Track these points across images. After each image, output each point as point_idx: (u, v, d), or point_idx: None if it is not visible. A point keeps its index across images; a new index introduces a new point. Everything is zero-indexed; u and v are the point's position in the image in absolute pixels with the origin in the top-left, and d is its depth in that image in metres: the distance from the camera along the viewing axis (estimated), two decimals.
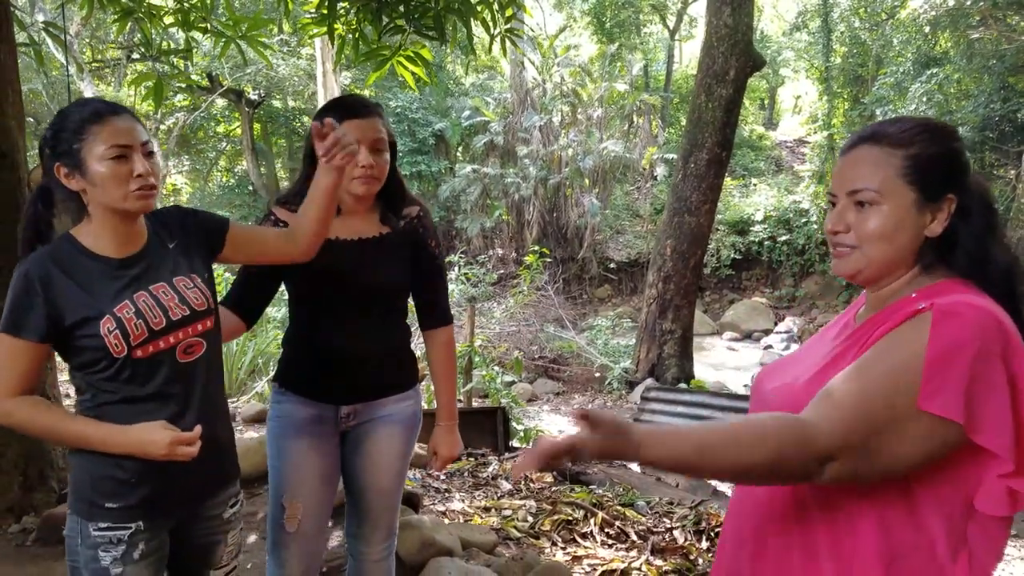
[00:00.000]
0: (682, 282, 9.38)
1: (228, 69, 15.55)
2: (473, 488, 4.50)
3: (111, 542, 1.56)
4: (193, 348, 1.64)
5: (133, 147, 1.54)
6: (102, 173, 1.51)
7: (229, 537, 1.78)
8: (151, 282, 1.61)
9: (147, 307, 1.57)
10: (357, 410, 2.03)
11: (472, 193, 15.86)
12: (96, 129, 1.51)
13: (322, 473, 2.02)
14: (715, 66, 8.94)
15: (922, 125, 1.20)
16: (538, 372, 11.58)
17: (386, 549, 2.12)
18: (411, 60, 4.17)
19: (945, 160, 1.17)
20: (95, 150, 1.51)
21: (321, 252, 1.93)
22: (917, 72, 14.10)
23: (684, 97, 20.26)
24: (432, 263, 2.09)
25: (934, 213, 1.16)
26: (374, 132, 1.89)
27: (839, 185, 1.22)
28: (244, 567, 3.15)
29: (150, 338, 1.56)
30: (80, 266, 1.56)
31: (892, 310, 1.17)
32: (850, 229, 1.20)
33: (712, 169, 9.09)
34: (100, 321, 1.52)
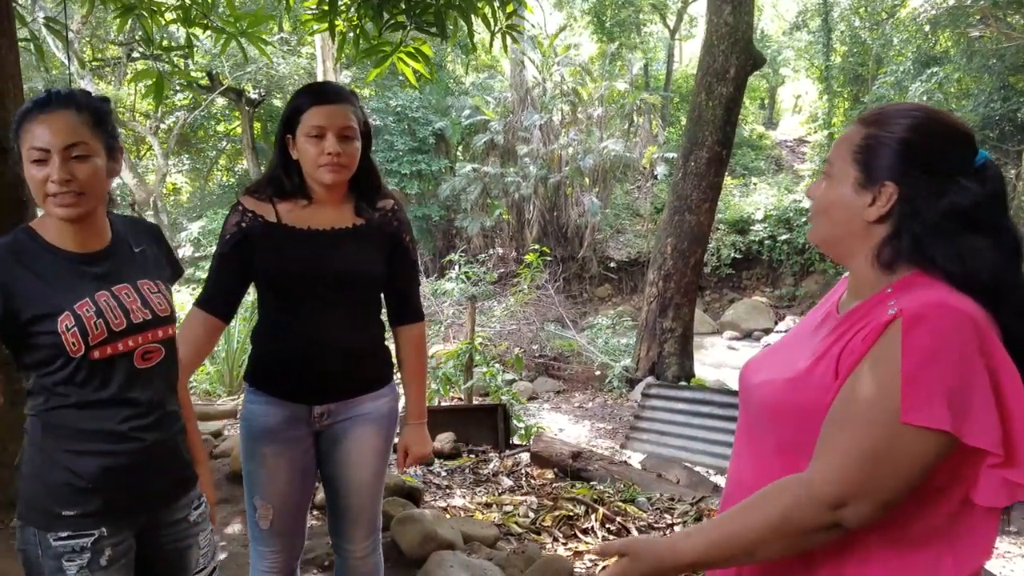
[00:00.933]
0: (682, 281, 9.38)
1: (228, 68, 15.54)
2: (474, 484, 4.51)
3: (75, 551, 1.48)
4: (151, 354, 1.57)
5: (51, 150, 1.42)
6: (28, 176, 1.45)
7: (201, 539, 1.71)
8: (114, 282, 1.54)
9: (108, 307, 1.50)
10: (331, 409, 1.97)
11: (472, 192, 15.85)
12: (26, 127, 1.44)
13: (292, 475, 1.99)
14: (715, 64, 8.93)
15: (901, 108, 1.18)
16: (539, 370, 11.58)
17: (370, 546, 2.09)
18: (412, 56, 4.17)
19: (892, 145, 1.13)
20: (25, 153, 1.44)
21: (293, 242, 1.90)
22: (917, 71, 14.11)
23: (684, 96, 20.27)
24: (406, 258, 2.05)
25: (873, 198, 1.14)
26: (342, 119, 1.85)
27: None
28: (245, 560, 3.15)
29: (109, 339, 1.49)
30: (40, 259, 1.49)
31: (871, 305, 1.14)
32: (815, 197, 1.24)
33: (712, 168, 9.08)
34: (58, 318, 1.44)
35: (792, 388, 1.17)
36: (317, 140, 1.84)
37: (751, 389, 1.29)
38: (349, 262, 1.92)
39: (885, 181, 1.13)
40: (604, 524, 3.86)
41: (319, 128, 1.84)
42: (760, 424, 1.25)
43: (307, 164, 1.88)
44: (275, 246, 1.91)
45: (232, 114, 19.54)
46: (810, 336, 1.26)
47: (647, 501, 4.26)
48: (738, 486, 1.31)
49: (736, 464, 1.35)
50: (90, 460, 1.49)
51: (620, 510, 4.05)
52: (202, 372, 7.55)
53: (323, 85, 1.97)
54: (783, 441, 1.19)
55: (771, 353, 1.36)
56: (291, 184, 1.93)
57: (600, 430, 8.50)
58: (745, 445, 1.32)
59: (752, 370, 1.33)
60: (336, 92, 1.91)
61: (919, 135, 1.13)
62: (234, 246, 1.93)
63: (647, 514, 4.08)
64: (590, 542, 3.64)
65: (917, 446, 1.01)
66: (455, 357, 6.93)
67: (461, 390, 6.84)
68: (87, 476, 1.49)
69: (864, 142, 1.16)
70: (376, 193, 2.01)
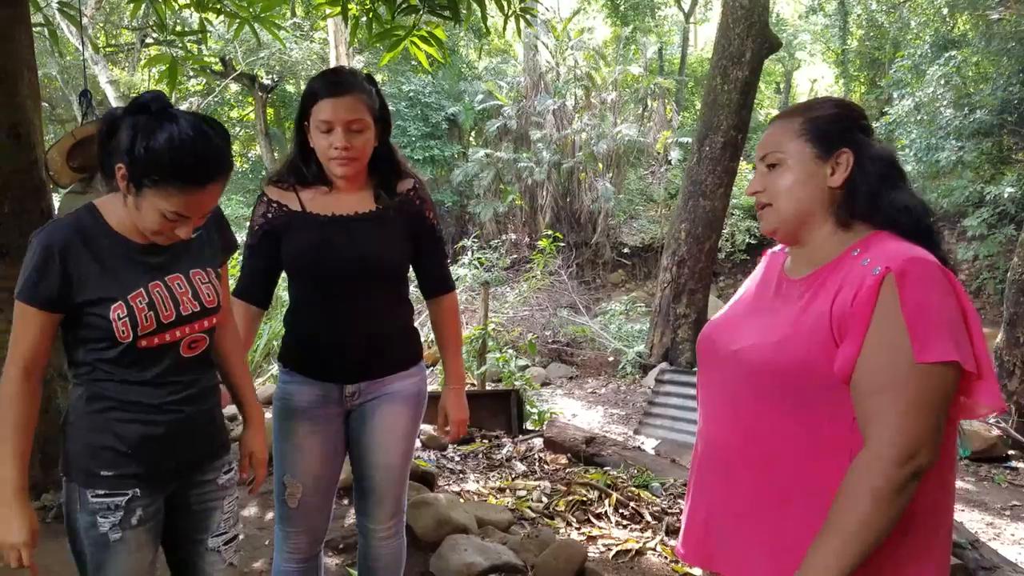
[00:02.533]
0: (696, 266, 9.33)
1: (241, 53, 15.54)
2: (487, 469, 4.52)
3: (109, 508, 1.56)
4: (198, 343, 1.64)
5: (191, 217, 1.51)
6: (150, 218, 1.49)
7: (225, 504, 1.77)
8: (168, 272, 1.59)
9: (160, 299, 1.55)
10: (361, 388, 2.02)
11: (485, 178, 15.81)
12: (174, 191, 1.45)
13: (323, 454, 2.03)
14: (731, 47, 8.84)
15: (819, 99, 1.41)
16: (552, 356, 11.58)
17: (394, 527, 2.11)
18: (425, 40, 4.15)
19: (838, 120, 1.33)
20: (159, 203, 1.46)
21: (318, 229, 1.94)
22: (935, 55, 13.88)
23: (699, 80, 20.10)
24: (431, 234, 2.08)
25: (833, 166, 1.31)
26: (350, 113, 1.85)
27: (756, 155, 1.39)
28: (262, 543, 3.18)
29: (157, 330, 1.55)
30: (101, 243, 1.53)
31: (839, 262, 1.29)
32: (765, 188, 1.37)
33: (727, 152, 9.01)
34: (112, 306, 1.50)
35: (785, 349, 1.27)
36: (326, 134, 1.86)
37: (734, 356, 1.37)
38: (373, 246, 1.95)
39: (841, 148, 1.31)
40: (618, 509, 3.86)
41: (326, 123, 1.86)
42: (758, 388, 1.31)
43: (319, 155, 1.92)
44: (300, 234, 1.95)
45: (245, 100, 19.57)
46: (774, 302, 1.38)
47: (661, 487, 4.26)
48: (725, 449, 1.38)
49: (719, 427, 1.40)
50: (131, 427, 1.57)
51: (634, 495, 4.05)
52: None
53: (332, 75, 1.92)
54: (790, 399, 1.27)
55: (735, 320, 1.46)
56: (310, 172, 1.96)
57: (613, 416, 8.50)
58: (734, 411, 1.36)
59: (722, 338, 1.43)
60: (344, 83, 1.88)
61: (844, 107, 1.37)
62: (262, 237, 1.98)
63: (661, 499, 4.08)
64: (603, 527, 3.65)
65: (938, 380, 1.16)
66: (468, 343, 6.94)
67: (474, 376, 6.85)
68: (128, 442, 1.57)
69: (808, 124, 1.33)
70: (396, 177, 2.02)
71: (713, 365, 1.44)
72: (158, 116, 1.44)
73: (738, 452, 1.35)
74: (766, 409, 1.30)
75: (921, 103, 13.33)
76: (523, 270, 14.57)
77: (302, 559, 2.08)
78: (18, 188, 3.29)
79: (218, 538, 1.76)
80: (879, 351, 1.18)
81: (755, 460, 1.32)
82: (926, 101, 13.21)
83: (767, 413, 1.30)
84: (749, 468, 1.33)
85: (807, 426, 1.26)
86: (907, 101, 13.70)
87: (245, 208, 16.98)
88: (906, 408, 1.16)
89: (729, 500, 1.37)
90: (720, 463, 1.39)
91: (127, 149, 1.43)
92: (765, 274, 1.50)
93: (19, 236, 3.33)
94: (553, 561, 2.91)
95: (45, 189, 3.41)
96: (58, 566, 2.93)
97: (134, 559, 1.60)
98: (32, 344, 1.51)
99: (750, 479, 1.33)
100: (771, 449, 1.29)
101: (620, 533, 3.58)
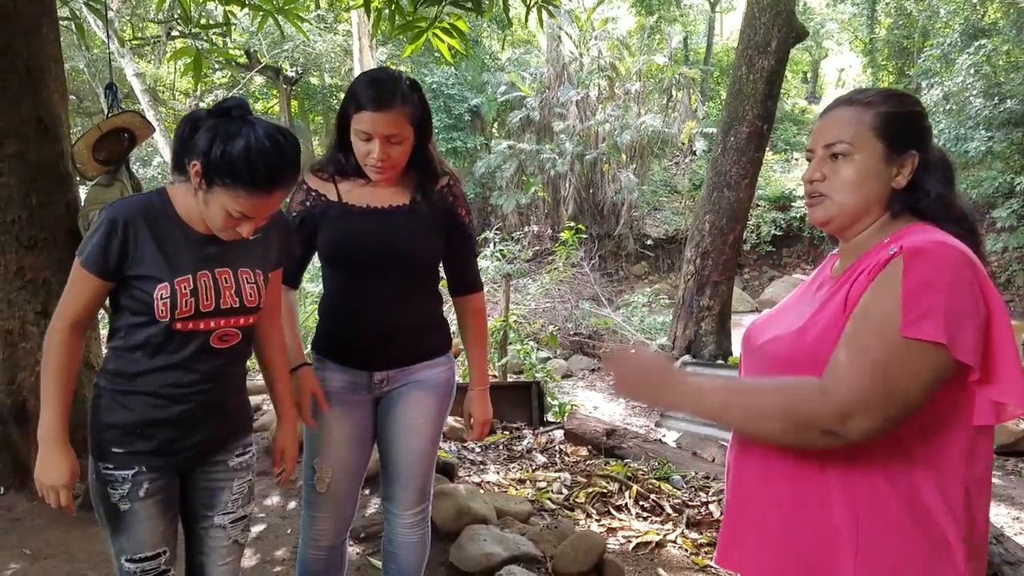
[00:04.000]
0: (720, 258, 9.26)
1: (266, 46, 15.64)
2: (508, 461, 4.53)
3: (118, 480, 1.66)
4: (229, 337, 1.71)
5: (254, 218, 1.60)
6: (216, 214, 1.58)
7: (235, 484, 1.83)
8: (219, 265, 1.67)
9: (204, 287, 1.64)
10: (390, 376, 2.06)
11: (508, 169, 15.80)
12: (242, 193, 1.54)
13: (352, 439, 2.07)
14: (757, 37, 8.74)
15: (892, 90, 1.37)
16: (573, 348, 11.57)
17: (419, 514, 2.14)
18: (447, 32, 4.15)
19: (910, 119, 1.31)
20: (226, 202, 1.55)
21: (353, 219, 1.98)
22: (964, 43, 13.64)
23: (724, 70, 19.92)
24: (462, 231, 2.10)
25: (899, 167, 1.29)
26: (388, 128, 1.86)
27: (816, 140, 1.35)
28: (284, 532, 3.22)
29: (193, 317, 1.63)
30: (165, 228, 1.63)
31: (867, 256, 1.27)
32: (825, 178, 1.33)
33: (753, 143, 8.91)
34: (158, 285, 1.59)
35: (800, 337, 1.27)
36: (365, 142, 1.89)
37: (759, 349, 1.37)
38: (405, 239, 1.97)
39: (911, 151, 1.28)
40: (638, 501, 3.85)
41: (366, 134, 1.88)
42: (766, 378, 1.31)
43: (357, 157, 1.94)
44: (336, 223, 1.98)
45: (270, 92, 19.70)
46: (811, 297, 1.38)
47: (681, 479, 4.25)
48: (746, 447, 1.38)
49: None
50: (143, 410, 1.66)
51: (654, 487, 4.04)
52: None
53: (377, 86, 1.88)
54: None
55: (772, 317, 1.47)
56: (349, 164, 1.99)
57: (635, 409, 8.47)
58: None
59: (756, 333, 1.43)
60: (387, 98, 1.86)
61: (920, 108, 1.34)
62: (300, 223, 2.01)
63: (682, 492, 4.06)
64: (623, 519, 3.64)
65: (918, 360, 1.13)
66: (490, 335, 6.95)
67: (496, 367, 6.86)
68: (140, 423, 1.66)
69: (883, 120, 1.29)
70: (433, 178, 2.04)
71: (746, 361, 1.44)
72: (238, 122, 1.54)
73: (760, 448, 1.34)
74: None
75: (950, 93, 13.12)
76: (545, 262, 14.57)
77: (327, 546, 2.11)
78: (45, 180, 3.34)
79: (225, 516, 1.82)
80: (867, 314, 1.17)
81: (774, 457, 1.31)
82: (955, 91, 13.00)
83: None
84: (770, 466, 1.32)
85: None
86: (936, 91, 13.49)
87: None
88: (871, 368, 1.13)
89: (752, 501, 1.37)
90: (747, 462, 1.38)
91: (205, 150, 1.52)
92: (818, 274, 1.48)
93: (46, 228, 3.38)
94: (572, 552, 2.91)
95: (72, 181, 3.46)
96: (82, 553, 2.99)
97: (145, 528, 1.69)
98: (82, 305, 1.62)
99: (770, 477, 1.32)
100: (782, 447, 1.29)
101: (640, 525, 3.58)
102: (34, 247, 3.35)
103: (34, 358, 3.45)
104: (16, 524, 3.22)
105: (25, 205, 3.31)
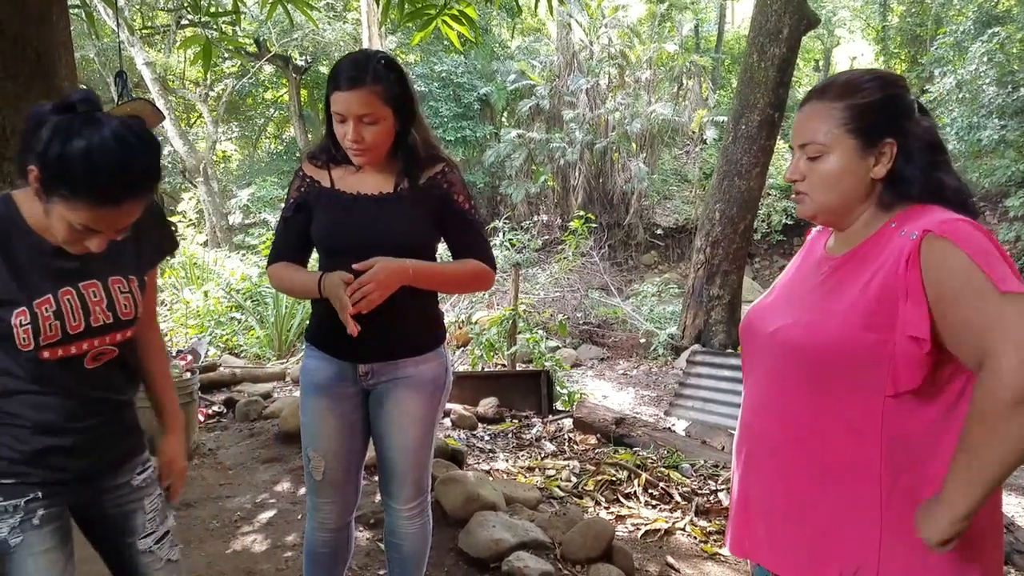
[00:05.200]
0: (731, 247, 9.23)
1: (275, 34, 15.63)
2: (517, 449, 4.54)
3: (7, 511, 1.46)
4: (103, 355, 1.52)
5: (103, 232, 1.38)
6: (58, 227, 1.37)
7: (147, 504, 1.67)
8: (83, 278, 1.47)
9: (69, 308, 1.43)
10: (375, 369, 2.02)
11: (517, 158, 15.76)
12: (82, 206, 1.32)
13: (340, 429, 2.06)
14: (768, 24, 8.68)
15: (867, 73, 1.33)
16: (582, 338, 11.56)
17: (417, 507, 2.14)
18: (456, 19, 4.14)
19: (882, 107, 1.28)
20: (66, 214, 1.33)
21: (343, 207, 1.97)
22: (978, 31, 13.47)
23: (736, 58, 19.78)
24: (461, 218, 2.04)
25: (877, 157, 1.28)
26: (359, 107, 1.84)
27: (794, 139, 1.36)
28: (295, 517, 3.24)
29: (61, 342, 1.43)
30: (13, 240, 1.41)
31: (875, 242, 1.28)
32: (804, 177, 1.34)
33: (764, 131, 8.86)
34: (15, 310, 1.38)
35: (821, 326, 1.26)
36: (341, 123, 1.89)
37: (770, 338, 1.36)
38: (391, 226, 1.95)
39: (885, 139, 1.27)
40: (647, 489, 3.86)
41: (339, 115, 1.87)
42: (794, 367, 1.30)
43: (339, 141, 1.93)
44: (327, 210, 1.98)
45: (280, 81, 19.70)
46: (812, 280, 1.37)
47: (691, 467, 4.25)
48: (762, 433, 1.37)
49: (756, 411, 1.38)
50: (33, 439, 1.47)
51: (663, 476, 4.04)
52: (252, 336, 7.72)
53: (348, 66, 1.87)
54: (813, 377, 1.26)
55: (772, 304, 1.45)
56: (339, 151, 1.98)
57: (644, 397, 8.48)
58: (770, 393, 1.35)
59: (761, 322, 1.42)
60: (356, 77, 1.84)
61: (890, 90, 1.30)
62: (295, 210, 2.03)
63: (691, 480, 4.06)
64: (632, 507, 3.65)
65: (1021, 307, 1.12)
66: (498, 324, 6.95)
67: (504, 356, 6.86)
68: (28, 452, 1.47)
69: (851, 114, 1.28)
70: (418, 161, 2.00)
71: (752, 349, 1.43)
72: (81, 120, 1.30)
73: (775, 435, 1.33)
74: (800, 389, 1.28)
75: (963, 81, 12.98)
76: (555, 251, 14.54)
77: (332, 528, 2.14)
78: None
79: (147, 539, 1.66)
80: (960, 298, 1.14)
81: (791, 442, 1.31)
82: (968, 79, 12.85)
83: (801, 393, 1.28)
84: (785, 451, 1.32)
85: (839, 405, 1.24)
86: (949, 79, 13.34)
87: (279, 190, 17.16)
88: (1000, 326, 1.11)
89: (766, 487, 1.36)
90: (760, 448, 1.38)
91: (41, 151, 1.29)
92: (807, 255, 1.49)
93: None
94: (581, 538, 2.92)
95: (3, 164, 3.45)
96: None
97: (40, 562, 1.48)
98: None
99: (785, 462, 1.32)
100: (807, 429, 1.28)
101: (649, 513, 3.58)
102: None
103: None
104: None
105: None
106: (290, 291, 2.10)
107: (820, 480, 1.28)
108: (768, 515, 1.36)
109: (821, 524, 1.28)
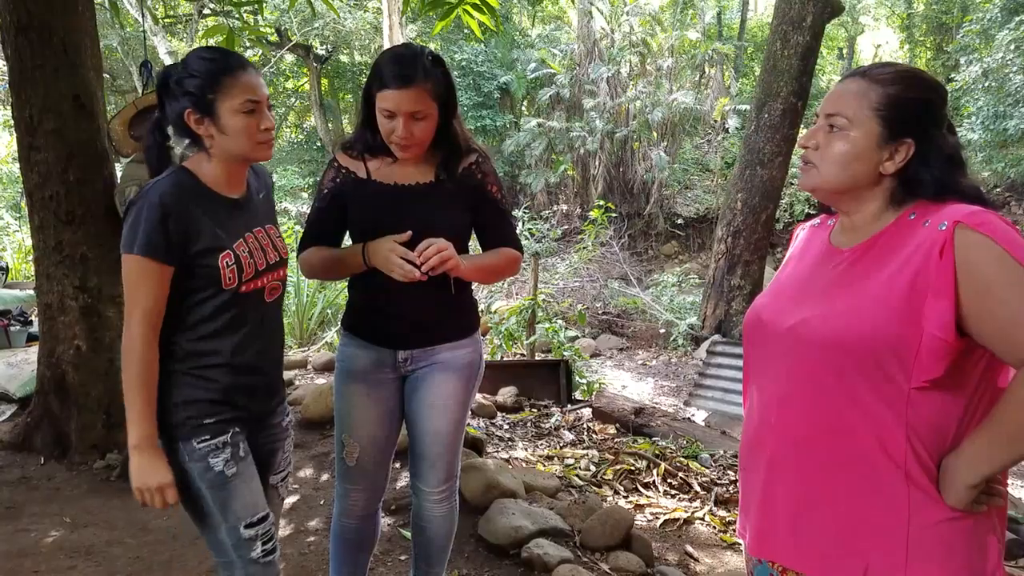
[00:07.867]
0: (752, 237, 9.17)
1: (297, 24, 15.67)
2: (536, 438, 4.55)
3: (217, 448, 1.68)
4: (275, 290, 1.81)
5: (262, 101, 1.67)
6: (235, 125, 1.64)
7: (286, 444, 1.95)
8: (254, 225, 1.76)
9: (255, 247, 1.73)
10: (414, 355, 2.07)
11: (537, 147, 15.72)
12: (230, 82, 1.63)
13: (378, 415, 2.09)
14: (791, 12, 8.59)
15: (910, 71, 1.31)
16: (602, 328, 11.56)
17: (446, 491, 2.16)
18: (477, 8, 4.13)
19: (917, 106, 1.26)
20: (229, 103, 1.63)
21: (380, 197, 2.00)
22: (1005, 19, 13.23)
23: (759, 46, 19.57)
24: (494, 207, 2.09)
25: (892, 152, 1.26)
26: (411, 105, 1.86)
27: (823, 106, 1.33)
28: (318, 503, 3.27)
29: (255, 276, 1.72)
30: (204, 199, 1.68)
31: (895, 232, 1.26)
32: (819, 147, 1.32)
33: (787, 119, 8.78)
34: (220, 254, 1.65)
35: (849, 319, 1.23)
36: (388, 119, 1.90)
37: (788, 332, 1.33)
38: (429, 216, 1.98)
39: (906, 138, 1.25)
40: (666, 479, 3.86)
41: (389, 112, 1.88)
42: (810, 361, 1.28)
43: (382, 134, 1.95)
44: (364, 201, 2.01)
45: (300, 70, 19.76)
46: (826, 274, 1.35)
47: (710, 457, 4.24)
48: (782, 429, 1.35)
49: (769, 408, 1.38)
50: (224, 379, 1.70)
51: (682, 466, 4.04)
52: None
53: (399, 63, 1.88)
54: (842, 369, 1.24)
55: (784, 298, 1.42)
56: (376, 142, 2.00)
57: (663, 388, 8.47)
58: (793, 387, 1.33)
59: (775, 316, 1.39)
60: (409, 75, 1.86)
61: (934, 96, 1.28)
62: (330, 200, 2.05)
63: (710, 470, 4.06)
64: (651, 496, 3.65)
65: None
66: (518, 313, 6.97)
67: (524, 345, 6.88)
68: (224, 392, 1.71)
69: (887, 101, 1.26)
70: (458, 156, 2.03)
71: (765, 344, 1.41)
72: (176, 64, 1.68)
73: (798, 428, 1.32)
74: (827, 382, 1.26)
75: (989, 69, 12.76)
76: (574, 241, 14.52)
77: (359, 515, 2.17)
78: (82, 157, 3.40)
79: (277, 475, 1.94)
80: (995, 288, 1.14)
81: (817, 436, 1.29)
82: (995, 67, 12.63)
83: (828, 386, 1.26)
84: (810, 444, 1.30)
85: (868, 396, 1.23)
86: (975, 67, 13.13)
87: (299, 179, 17.22)
88: None
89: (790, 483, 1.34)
90: (783, 444, 1.35)
91: (181, 93, 1.63)
92: (806, 249, 1.47)
93: (83, 204, 3.44)
94: (600, 527, 2.93)
95: (108, 158, 3.51)
96: (121, 522, 3.07)
97: (250, 488, 1.73)
98: (155, 298, 1.60)
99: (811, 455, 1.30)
100: (835, 421, 1.26)
101: (668, 502, 3.58)
102: (72, 222, 3.41)
103: (72, 331, 3.53)
104: (56, 493, 3.32)
105: (63, 181, 3.37)
106: (326, 272, 2.09)
107: (845, 471, 1.26)
108: (793, 511, 1.34)
109: (847, 515, 1.27)
